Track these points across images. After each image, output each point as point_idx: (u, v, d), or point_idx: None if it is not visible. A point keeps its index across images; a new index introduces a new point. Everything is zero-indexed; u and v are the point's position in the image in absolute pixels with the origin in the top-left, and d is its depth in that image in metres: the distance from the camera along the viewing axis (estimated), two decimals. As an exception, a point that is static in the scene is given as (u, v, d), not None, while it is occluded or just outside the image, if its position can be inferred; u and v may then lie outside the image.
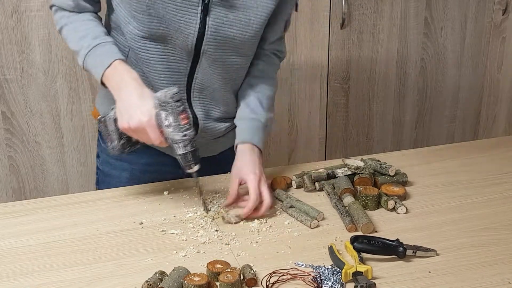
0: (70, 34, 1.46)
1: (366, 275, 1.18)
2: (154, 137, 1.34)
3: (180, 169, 1.62)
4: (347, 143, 2.80)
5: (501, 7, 2.78)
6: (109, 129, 1.42)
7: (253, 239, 1.34)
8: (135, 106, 1.34)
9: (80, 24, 1.45)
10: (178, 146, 1.35)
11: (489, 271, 1.22)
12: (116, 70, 1.38)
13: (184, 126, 1.34)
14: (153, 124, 1.34)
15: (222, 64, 1.48)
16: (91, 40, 1.42)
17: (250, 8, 1.43)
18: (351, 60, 2.66)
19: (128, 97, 1.35)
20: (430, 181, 1.60)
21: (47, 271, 1.23)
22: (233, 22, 1.43)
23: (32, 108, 2.35)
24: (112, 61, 1.38)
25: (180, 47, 1.44)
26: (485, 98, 2.94)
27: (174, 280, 1.15)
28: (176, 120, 1.33)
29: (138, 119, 1.33)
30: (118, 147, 1.43)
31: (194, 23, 1.40)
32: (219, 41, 1.44)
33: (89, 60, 1.41)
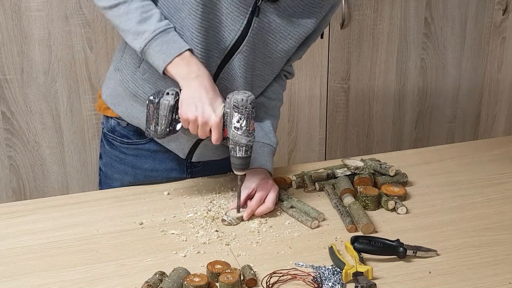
0: (131, 13, 1.39)
1: (367, 276, 1.18)
2: (216, 136, 1.36)
3: (185, 173, 1.63)
4: (347, 143, 2.80)
5: (501, 7, 2.78)
6: (160, 113, 1.39)
7: (253, 239, 1.34)
8: (207, 102, 1.35)
9: (142, 4, 1.40)
10: (240, 149, 1.36)
11: (489, 271, 1.22)
12: (188, 60, 1.37)
13: (252, 132, 1.36)
14: (221, 125, 1.35)
15: (252, 68, 1.48)
16: (157, 23, 1.38)
17: (293, 24, 1.44)
18: (351, 60, 2.66)
19: (203, 90, 1.35)
20: (430, 181, 1.60)
21: (47, 271, 1.23)
22: (275, 31, 1.44)
23: (32, 108, 2.35)
24: (184, 50, 1.37)
25: (217, 43, 1.43)
26: (485, 98, 2.94)
27: (174, 281, 1.15)
28: (248, 125, 1.35)
29: (209, 116, 1.34)
30: (162, 132, 1.40)
31: (241, 21, 1.40)
32: (256, 45, 1.44)
33: (155, 44, 1.37)
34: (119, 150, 1.61)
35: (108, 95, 1.59)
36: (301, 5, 1.44)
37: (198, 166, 1.62)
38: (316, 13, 1.46)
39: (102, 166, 1.67)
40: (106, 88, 1.60)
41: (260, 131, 1.55)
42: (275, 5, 1.41)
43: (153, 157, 1.59)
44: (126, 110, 1.54)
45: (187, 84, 1.37)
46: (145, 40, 1.38)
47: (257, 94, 1.56)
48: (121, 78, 1.53)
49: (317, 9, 1.46)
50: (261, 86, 1.55)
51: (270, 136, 1.55)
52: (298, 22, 1.45)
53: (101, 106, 1.62)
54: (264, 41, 1.45)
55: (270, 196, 1.44)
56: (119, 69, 1.54)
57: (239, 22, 1.41)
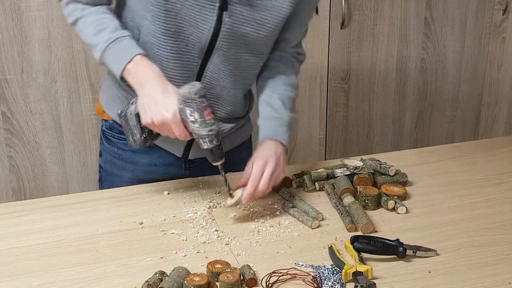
0: (86, 28, 1.43)
1: (366, 275, 1.18)
2: (178, 132, 1.35)
3: (183, 170, 1.63)
4: (347, 143, 2.80)
5: (501, 7, 2.78)
6: (130, 123, 1.41)
7: (253, 239, 1.34)
8: (159, 102, 1.34)
9: (96, 17, 1.43)
10: (204, 141, 1.36)
11: (489, 271, 1.22)
12: (137, 65, 1.38)
13: (210, 121, 1.35)
14: (178, 120, 1.34)
15: (235, 61, 1.48)
16: (110, 34, 1.40)
17: (266, 9, 1.43)
18: (351, 60, 2.66)
19: (152, 93, 1.35)
20: (430, 181, 1.60)
21: (47, 271, 1.23)
22: (248, 20, 1.42)
23: (32, 108, 2.35)
24: (134, 56, 1.38)
25: (193, 44, 1.43)
26: (485, 98, 2.94)
27: (174, 280, 1.15)
28: (202, 116, 1.34)
29: (161, 115, 1.34)
30: (140, 141, 1.42)
31: (211, 19, 1.40)
32: (234, 38, 1.43)
33: (108, 54, 1.40)
34: (118, 147, 1.62)
35: (104, 100, 1.62)
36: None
37: (196, 161, 1.63)
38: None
39: (102, 163, 1.68)
40: (102, 92, 1.64)
41: (268, 108, 1.53)
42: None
43: (151, 152, 1.59)
44: None
45: (139, 91, 1.38)
46: (100, 51, 1.40)
47: (252, 82, 1.57)
48: (113, 82, 1.56)
49: None
50: (252, 74, 1.55)
51: (280, 110, 1.52)
52: (271, 5, 1.43)
53: (99, 109, 1.65)
54: (242, 33, 1.44)
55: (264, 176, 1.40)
56: (110, 73, 1.56)
57: (208, 21, 1.40)
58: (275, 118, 1.52)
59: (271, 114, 1.52)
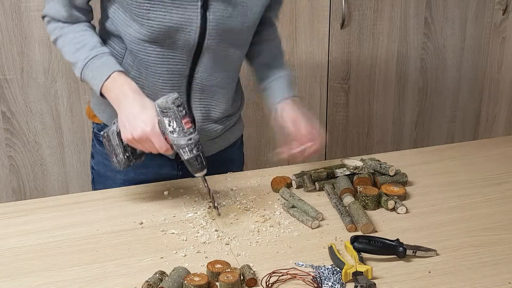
0: (66, 46, 1.44)
1: (366, 275, 1.18)
2: (159, 145, 1.34)
3: (176, 170, 1.62)
4: (347, 143, 2.80)
5: (501, 7, 2.78)
6: (112, 143, 1.41)
7: (253, 239, 1.34)
8: (137, 116, 1.33)
9: (74, 35, 1.44)
10: (184, 151, 1.34)
11: (489, 271, 1.22)
12: (115, 82, 1.38)
13: (188, 130, 1.33)
14: (157, 132, 1.33)
15: (224, 57, 1.48)
16: (88, 52, 1.41)
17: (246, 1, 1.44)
18: (351, 60, 2.66)
19: (129, 109, 1.35)
20: (430, 181, 1.60)
21: (47, 271, 1.23)
22: (233, 14, 1.43)
23: (32, 108, 2.35)
24: (111, 73, 1.38)
25: (181, 48, 1.43)
26: (485, 98, 2.94)
27: (174, 280, 1.15)
28: (180, 125, 1.32)
29: (141, 129, 1.32)
30: (124, 161, 1.41)
31: (196, 19, 1.40)
32: (220, 34, 1.44)
33: (87, 72, 1.40)
34: None
35: (95, 103, 1.62)
36: None
37: None
38: None
39: (94, 165, 1.69)
40: (93, 96, 1.63)
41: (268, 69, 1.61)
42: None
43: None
44: (110, 117, 1.55)
45: (118, 108, 1.37)
46: (79, 69, 1.41)
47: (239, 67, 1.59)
48: None
49: None
50: (238, 66, 1.58)
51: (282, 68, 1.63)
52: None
53: (89, 113, 1.65)
54: (228, 28, 1.44)
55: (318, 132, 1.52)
56: None
57: (193, 22, 1.40)
58: (281, 77, 1.61)
59: (277, 74, 1.61)
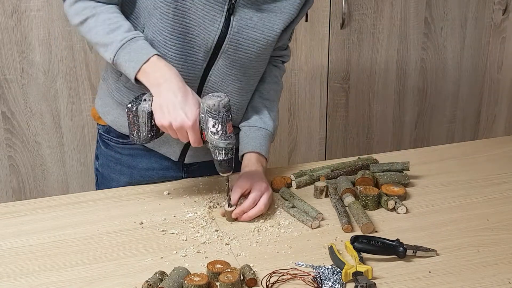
0: (98, 26, 1.39)
1: (366, 275, 1.18)
2: (194, 139, 1.34)
3: (181, 172, 1.62)
4: (347, 143, 2.80)
5: (501, 7, 2.78)
6: (139, 120, 1.38)
7: (253, 239, 1.34)
8: (179, 106, 1.32)
9: (109, 16, 1.40)
10: (220, 153, 1.35)
11: (489, 271, 1.22)
12: (155, 65, 1.35)
13: (230, 135, 1.34)
14: (197, 128, 1.33)
15: (241, 66, 1.47)
16: (124, 33, 1.37)
17: (275, 13, 1.44)
18: (351, 60, 2.66)
19: (171, 95, 1.33)
20: (430, 181, 1.60)
21: (47, 271, 1.23)
22: (257, 25, 1.43)
23: (32, 108, 2.35)
24: (151, 56, 1.35)
25: (199, 45, 1.42)
26: (485, 98, 2.94)
27: (174, 280, 1.15)
28: (224, 129, 1.32)
29: (182, 120, 1.31)
30: (146, 138, 1.40)
31: (219, 21, 1.40)
32: (241, 43, 1.43)
33: (123, 54, 1.37)
34: (115, 150, 1.61)
35: (99, 105, 1.61)
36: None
37: (194, 165, 1.63)
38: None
39: (99, 167, 1.67)
40: (98, 98, 1.63)
41: (254, 115, 1.55)
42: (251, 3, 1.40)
43: (149, 156, 1.59)
44: (115, 119, 1.55)
45: (157, 91, 1.35)
46: (114, 51, 1.37)
47: (253, 89, 1.56)
48: (107, 87, 1.56)
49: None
50: (255, 80, 1.55)
51: (265, 119, 1.55)
52: (280, 10, 1.44)
53: (95, 115, 1.64)
54: (249, 37, 1.44)
55: (263, 198, 1.42)
56: (105, 78, 1.57)
57: (216, 23, 1.40)
58: (260, 129, 1.54)
59: (256, 123, 1.54)
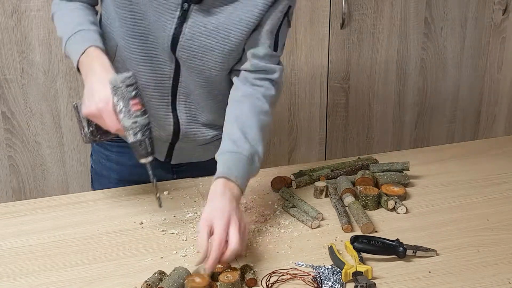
0: (58, 21, 1.44)
1: (366, 275, 1.18)
2: (110, 123, 1.29)
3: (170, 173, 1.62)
4: (347, 143, 2.79)
5: (501, 7, 2.78)
6: (80, 116, 1.38)
7: (253, 239, 1.34)
8: (96, 93, 1.30)
9: (67, 12, 1.43)
10: (128, 134, 1.29)
11: (489, 271, 1.22)
12: (87, 56, 1.35)
13: (134, 113, 1.28)
14: (109, 110, 1.28)
15: (200, 73, 1.43)
16: (74, 27, 1.39)
17: (231, 21, 1.37)
18: (351, 60, 2.66)
19: (92, 84, 1.31)
20: (430, 181, 1.60)
21: (47, 271, 1.23)
22: (212, 33, 1.38)
23: (32, 108, 2.35)
24: (87, 47, 1.35)
25: (161, 48, 1.41)
26: (485, 98, 2.94)
27: (174, 281, 1.14)
28: (127, 106, 1.27)
29: (95, 105, 1.29)
30: (88, 135, 1.38)
31: (170, 27, 1.37)
32: (195, 50, 1.40)
33: (69, 47, 1.39)
34: (105, 147, 1.64)
35: None
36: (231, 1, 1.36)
37: (182, 166, 1.63)
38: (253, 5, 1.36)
39: (93, 164, 1.71)
40: None
41: (228, 141, 1.37)
42: (201, 6, 1.36)
43: None
44: None
45: (85, 83, 1.34)
46: (63, 44, 1.40)
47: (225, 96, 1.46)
48: None
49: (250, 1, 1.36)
50: (223, 87, 1.48)
51: (240, 143, 1.35)
52: (239, 17, 1.37)
53: None
54: (204, 45, 1.39)
55: (230, 235, 1.21)
56: None
57: (168, 28, 1.37)
58: (232, 153, 1.34)
59: (229, 148, 1.35)
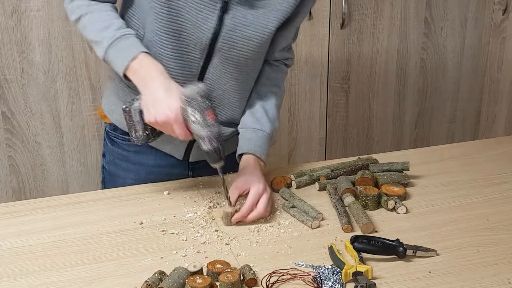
0: (91, 24, 1.42)
1: (366, 275, 1.18)
2: (180, 132, 1.34)
3: (187, 171, 1.63)
4: (347, 143, 2.80)
5: (501, 7, 2.78)
6: (133, 120, 1.40)
7: (253, 239, 1.34)
8: (162, 101, 1.33)
9: (101, 14, 1.42)
10: (204, 142, 1.35)
11: (489, 271, 1.22)
12: (141, 63, 1.36)
13: (210, 122, 1.33)
14: (180, 120, 1.33)
15: (236, 64, 1.48)
16: (114, 31, 1.39)
17: (269, 10, 1.43)
18: (351, 60, 2.66)
19: (155, 91, 1.34)
20: (430, 181, 1.60)
21: (47, 271, 1.23)
22: (251, 23, 1.43)
23: (32, 108, 2.35)
24: (137, 53, 1.36)
25: (194, 44, 1.43)
26: (485, 98, 2.94)
27: (174, 281, 1.14)
28: (203, 117, 1.33)
29: (165, 115, 1.32)
30: (142, 137, 1.42)
31: (212, 19, 1.40)
32: (235, 41, 1.43)
33: (112, 52, 1.39)
34: (122, 148, 1.62)
35: (105, 104, 1.62)
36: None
37: (200, 163, 1.63)
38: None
39: (106, 165, 1.68)
40: (104, 97, 1.64)
41: (250, 117, 1.54)
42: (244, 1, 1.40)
43: (155, 153, 1.59)
44: (119, 118, 1.55)
45: (143, 88, 1.36)
46: (104, 48, 1.39)
47: (251, 87, 1.56)
48: (113, 86, 1.57)
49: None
50: (252, 78, 1.55)
51: (263, 121, 1.53)
52: (274, 8, 1.43)
53: (101, 113, 1.65)
54: (243, 35, 1.43)
55: (261, 201, 1.40)
56: (112, 78, 1.58)
57: (209, 21, 1.40)
58: (256, 130, 1.52)
59: (253, 125, 1.53)
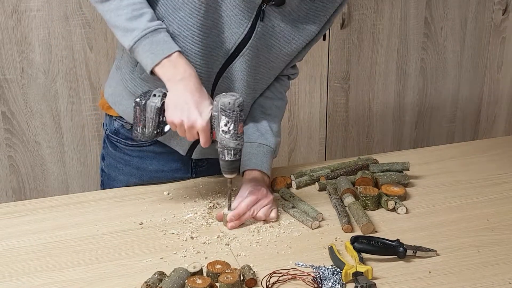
0: (121, 9, 1.36)
1: (366, 275, 1.18)
2: (204, 140, 1.33)
3: (189, 173, 1.62)
4: (347, 143, 2.80)
5: (501, 7, 2.78)
6: (147, 115, 1.36)
7: (253, 239, 1.34)
8: (194, 106, 1.32)
9: (134, 1, 1.37)
10: (229, 153, 1.33)
11: (489, 271, 1.22)
12: (176, 61, 1.34)
13: (240, 136, 1.33)
14: (208, 128, 1.32)
15: (254, 72, 1.47)
16: (147, 23, 1.35)
17: (297, 28, 1.44)
18: (351, 60, 2.66)
19: (188, 93, 1.32)
20: (430, 181, 1.60)
21: (47, 271, 1.23)
22: (278, 35, 1.44)
23: (32, 108, 2.35)
24: (173, 52, 1.34)
25: (221, 44, 1.42)
26: (485, 98, 2.94)
27: (174, 281, 1.14)
28: (236, 129, 1.31)
29: (195, 120, 1.31)
30: (150, 134, 1.38)
31: (245, 25, 1.40)
32: (259, 49, 1.44)
33: (143, 43, 1.35)
34: (124, 152, 1.60)
35: (110, 94, 1.58)
36: (306, 9, 1.44)
37: (202, 165, 1.62)
38: (320, 16, 1.46)
39: (105, 168, 1.65)
40: (108, 87, 1.59)
41: (256, 131, 1.53)
42: (280, 9, 1.41)
43: (158, 158, 1.58)
44: (126, 109, 1.53)
45: (173, 87, 1.34)
46: (135, 38, 1.35)
47: (258, 96, 1.55)
48: (121, 77, 1.53)
49: (322, 12, 1.46)
50: (262, 88, 1.55)
51: (267, 136, 1.53)
52: (303, 27, 1.45)
53: (103, 104, 1.60)
54: (268, 45, 1.44)
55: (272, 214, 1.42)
56: (119, 67, 1.54)
57: (242, 26, 1.40)
58: (261, 145, 1.51)
59: (257, 139, 1.52)
